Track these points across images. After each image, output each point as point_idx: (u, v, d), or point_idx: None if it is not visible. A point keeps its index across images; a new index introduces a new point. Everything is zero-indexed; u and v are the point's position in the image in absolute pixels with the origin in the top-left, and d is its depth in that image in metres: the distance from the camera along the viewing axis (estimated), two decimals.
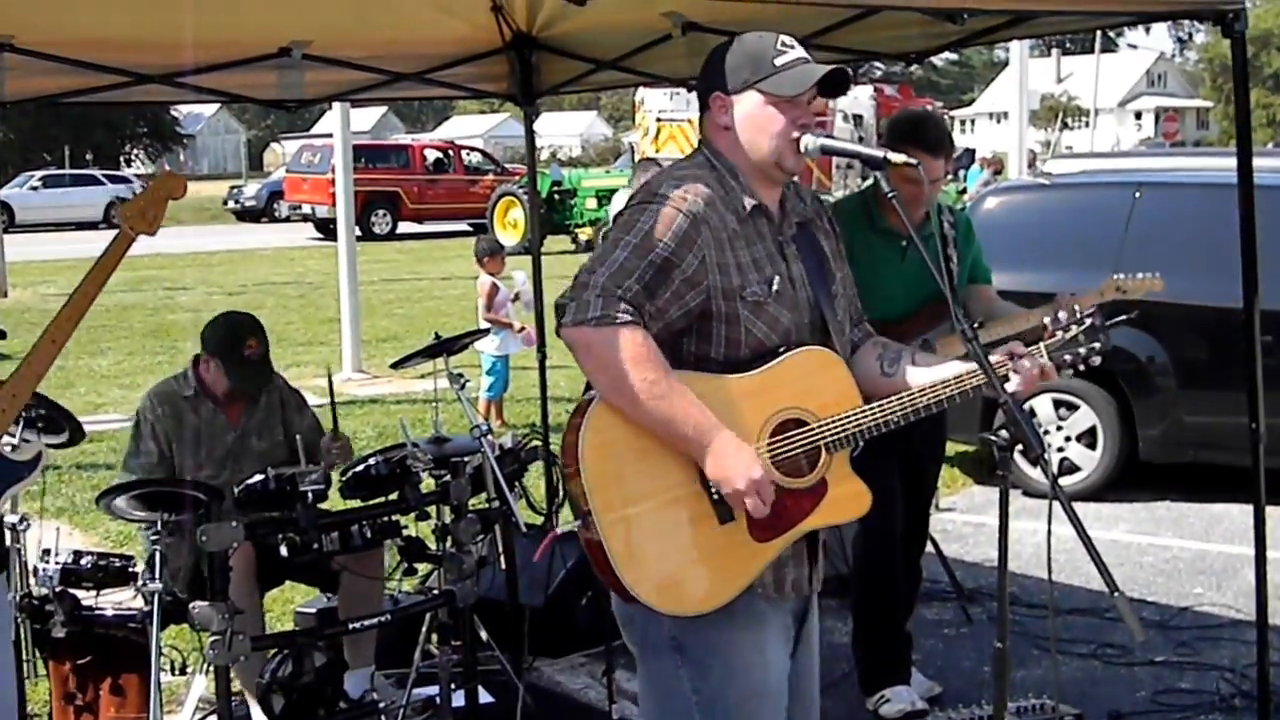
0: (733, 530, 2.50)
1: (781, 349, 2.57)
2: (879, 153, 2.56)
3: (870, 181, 4.21)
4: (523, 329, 9.03)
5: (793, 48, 2.59)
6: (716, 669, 2.57)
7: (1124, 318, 3.40)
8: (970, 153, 29.04)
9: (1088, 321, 2.64)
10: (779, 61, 2.56)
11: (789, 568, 2.63)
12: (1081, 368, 2.66)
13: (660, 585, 2.46)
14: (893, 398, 2.60)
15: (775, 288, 2.58)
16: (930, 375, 2.64)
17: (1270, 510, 4.19)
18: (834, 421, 2.57)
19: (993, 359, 2.58)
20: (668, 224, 2.48)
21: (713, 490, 2.48)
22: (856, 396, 2.62)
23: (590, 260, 2.51)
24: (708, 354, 2.55)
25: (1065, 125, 58.18)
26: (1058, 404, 7.49)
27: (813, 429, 2.57)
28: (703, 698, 2.58)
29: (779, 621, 2.65)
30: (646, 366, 2.41)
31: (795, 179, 2.73)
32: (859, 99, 24.74)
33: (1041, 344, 2.64)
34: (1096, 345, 2.64)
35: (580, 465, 2.44)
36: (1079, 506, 7.42)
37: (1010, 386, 2.56)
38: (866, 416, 2.58)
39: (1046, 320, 2.67)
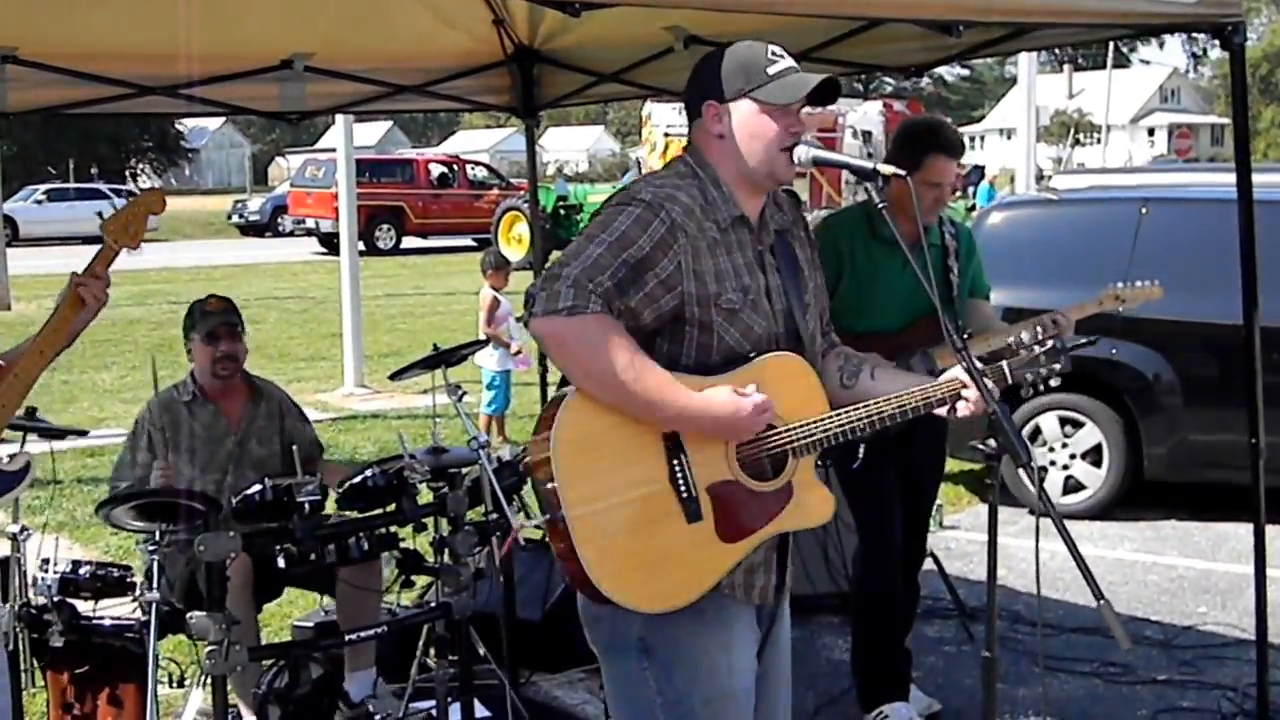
0: (700, 529, 2.52)
1: (752, 355, 2.59)
2: (869, 164, 2.57)
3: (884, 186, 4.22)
4: (519, 351, 9.00)
5: (783, 57, 2.62)
6: (682, 670, 2.58)
7: (1085, 341, 3.45)
8: (979, 169, 29.08)
9: (1049, 343, 2.68)
10: (772, 70, 2.58)
11: (759, 574, 2.65)
12: (1041, 388, 2.71)
13: (626, 581, 2.47)
14: (859, 405, 2.63)
15: (750, 297, 2.60)
16: (889, 389, 2.67)
17: (1271, 529, 4.17)
18: (801, 426, 2.59)
19: (946, 375, 2.65)
20: (644, 226, 2.50)
21: (680, 489, 2.50)
22: (824, 402, 2.65)
23: (564, 254, 2.53)
24: (679, 356, 2.58)
25: (1077, 141, 58.18)
26: (1063, 421, 7.46)
27: (780, 432, 2.59)
28: (667, 699, 2.59)
29: (746, 624, 2.66)
30: (621, 349, 2.44)
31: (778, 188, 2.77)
32: (868, 115, 24.75)
33: (1005, 362, 2.67)
34: (1056, 366, 2.67)
35: (552, 459, 2.45)
36: (1084, 525, 7.37)
37: (963, 406, 2.61)
38: (833, 423, 2.61)
39: (1011, 340, 2.71)
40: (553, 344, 2.48)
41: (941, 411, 2.65)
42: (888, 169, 2.57)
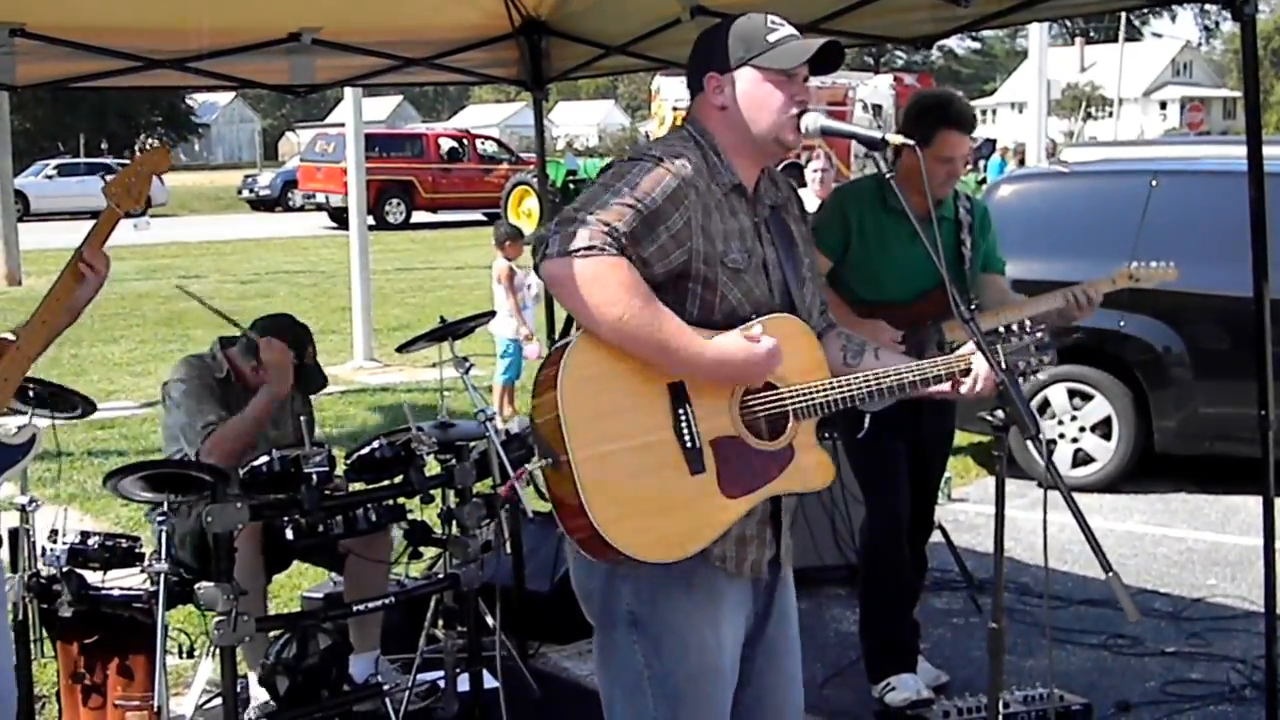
0: (702, 482, 2.50)
1: (753, 316, 2.59)
2: (876, 133, 2.56)
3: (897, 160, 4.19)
4: (530, 336, 9.00)
5: (782, 25, 2.62)
6: (670, 645, 2.58)
7: (1074, 337, 3.48)
8: (990, 143, 28.93)
9: (1039, 335, 2.71)
10: (772, 38, 2.59)
11: (750, 546, 2.64)
12: (1029, 376, 2.72)
13: (627, 526, 2.44)
14: (859, 375, 2.64)
15: (754, 260, 2.61)
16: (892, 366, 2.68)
17: None
18: (804, 389, 2.59)
19: (955, 354, 2.66)
20: (657, 180, 2.50)
21: (685, 439, 2.49)
22: (825, 367, 2.65)
23: (578, 201, 2.52)
24: (681, 315, 2.55)
25: (1089, 115, 57.90)
26: (1072, 394, 7.45)
27: (783, 394, 2.59)
28: (654, 672, 2.59)
29: (736, 599, 2.65)
30: (635, 293, 2.43)
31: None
32: (878, 89, 24.65)
33: (999, 347, 2.67)
34: (1045, 359, 2.70)
35: (559, 399, 2.43)
36: (1093, 497, 7.35)
37: (965, 385, 2.63)
38: (834, 389, 2.61)
39: (1000, 328, 2.72)
40: (565, 284, 2.43)
41: (945, 387, 2.65)
42: (896, 138, 2.57)
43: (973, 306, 2.63)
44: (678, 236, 2.50)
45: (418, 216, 30.06)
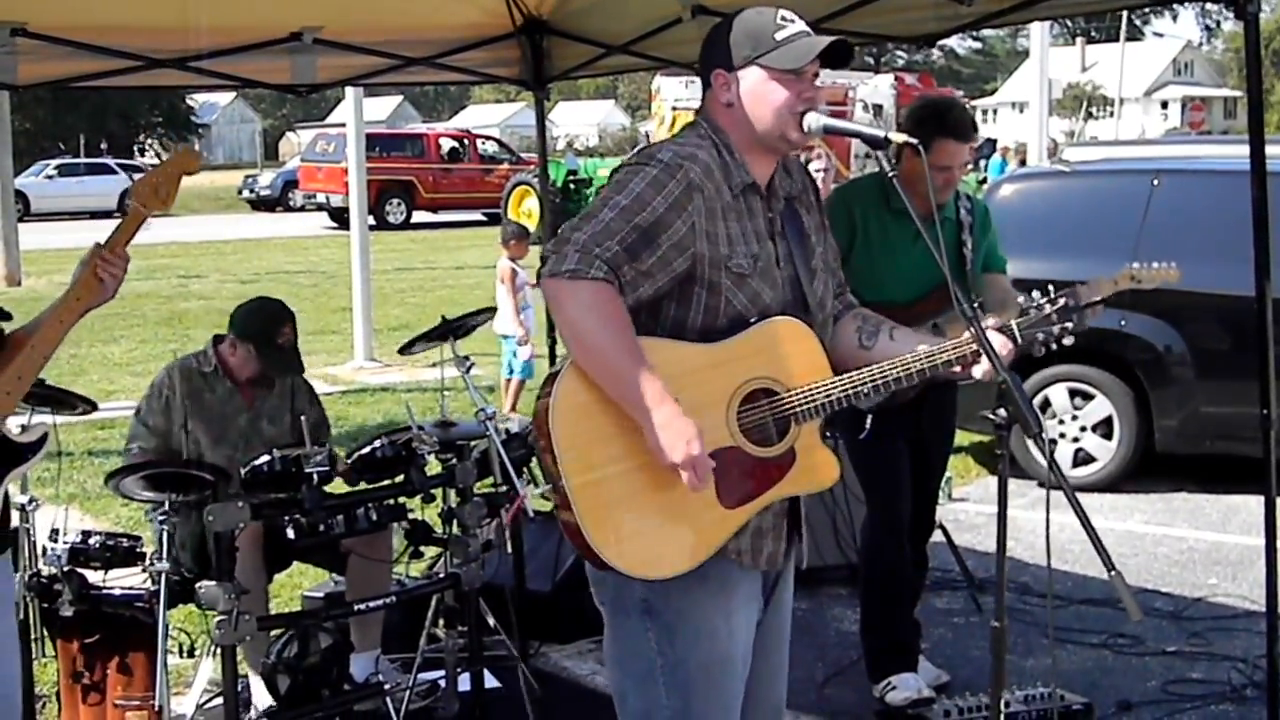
0: (701, 496, 2.50)
1: (754, 320, 2.58)
2: (880, 132, 2.55)
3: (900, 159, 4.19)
4: (524, 339, 9.01)
5: (793, 21, 2.60)
6: (683, 633, 2.59)
7: (1098, 300, 3.41)
8: (991, 142, 28.93)
9: (1061, 301, 2.67)
10: (779, 36, 2.57)
11: (767, 539, 2.64)
12: (1053, 346, 2.68)
13: (629, 550, 2.47)
14: (862, 370, 2.62)
15: (761, 264, 2.60)
16: (904, 350, 2.66)
17: None
18: (803, 391, 2.58)
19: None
20: (659, 188, 2.49)
21: None
22: (826, 368, 2.63)
23: (578, 218, 2.52)
24: (685, 320, 2.57)
25: (1090, 115, 57.89)
26: (1073, 394, 7.45)
27: (782, 399, 2.58)
28: (667, 660, 2.60)
29: (749, 591, 2.66)
30: (610, 323, 2.43)
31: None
32: (879, 88, 24.60)
33: (1014, 321, 2.66)
34: (1069, 325, 2.66)
35: (550, 428, 2.45)
36: (1094, 497, 7.33)
37: (979, 368, 2.60)
38: (835, 387, 2.59)
39: (1021, 299, 2.69)
40: (552, 303, 2.50)
41: (956, 369, 2.63)
42: (899, 136, 2.56)
43: (975, 305, 2.59)
44: (680, 244, 2.50)
45: (418, 216, 30.08)
